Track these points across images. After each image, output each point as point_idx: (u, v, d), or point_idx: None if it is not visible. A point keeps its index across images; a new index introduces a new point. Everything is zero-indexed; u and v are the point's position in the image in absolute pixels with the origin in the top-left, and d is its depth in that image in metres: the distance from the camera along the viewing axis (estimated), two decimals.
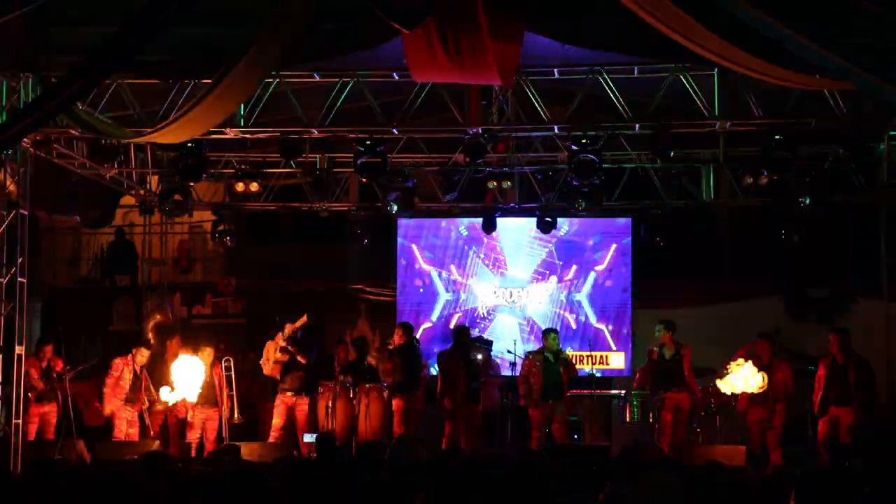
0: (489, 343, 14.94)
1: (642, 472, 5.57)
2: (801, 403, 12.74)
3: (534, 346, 14.66)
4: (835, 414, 12.04)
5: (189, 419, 13.24)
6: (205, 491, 5.27)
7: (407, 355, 13.41)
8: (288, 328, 13.37)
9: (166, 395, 12.96)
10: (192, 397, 13.01)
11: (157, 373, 13.13)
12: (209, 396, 13.18)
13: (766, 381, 12.31)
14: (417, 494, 4.79)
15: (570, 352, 14.45)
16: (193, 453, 13.03)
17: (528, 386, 13.00)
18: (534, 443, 12.87)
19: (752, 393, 12.37)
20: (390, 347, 13.67)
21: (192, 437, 13.23)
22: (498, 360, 14.97)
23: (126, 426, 12.95)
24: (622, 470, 5.78)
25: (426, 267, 16.11)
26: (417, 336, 14.51)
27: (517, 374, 13.55)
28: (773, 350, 12.70)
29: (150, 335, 15.00)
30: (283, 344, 13.33)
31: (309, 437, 13.10)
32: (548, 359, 13.07)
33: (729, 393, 12.45)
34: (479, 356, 13.93)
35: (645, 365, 13.28)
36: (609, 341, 15.54)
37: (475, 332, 15.14)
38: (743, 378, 12.32)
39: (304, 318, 13.38)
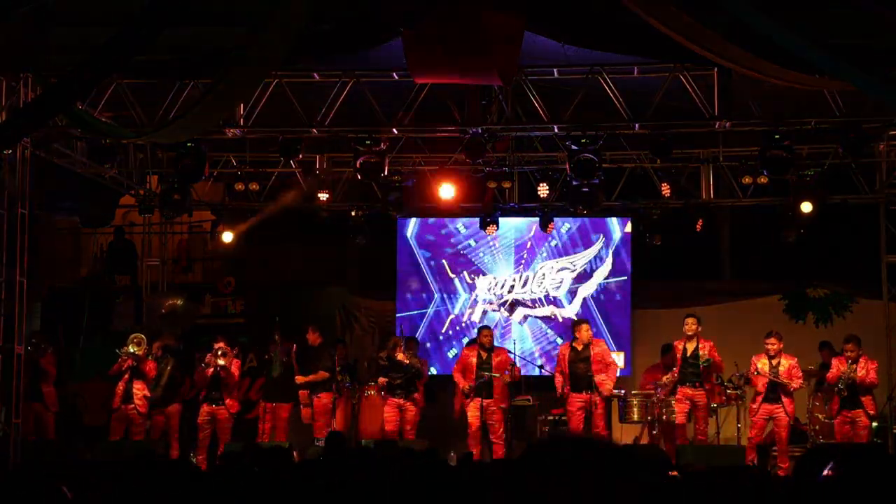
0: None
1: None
2: None
3: (532, 345, 14.62)
4: None
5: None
6: None
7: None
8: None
9: None
10: None
11: None
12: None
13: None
14: None
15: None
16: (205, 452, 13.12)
17: (563, 377, 12.92)
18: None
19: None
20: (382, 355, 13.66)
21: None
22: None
23: None
24: None
25: (425, 266, 16.10)
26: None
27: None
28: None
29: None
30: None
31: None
32: (574, 349, 12.98)
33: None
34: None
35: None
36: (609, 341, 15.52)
37: (472, 333, 15.14)
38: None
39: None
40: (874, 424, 12.82)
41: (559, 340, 15.23)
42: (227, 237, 15.19)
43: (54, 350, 13.54)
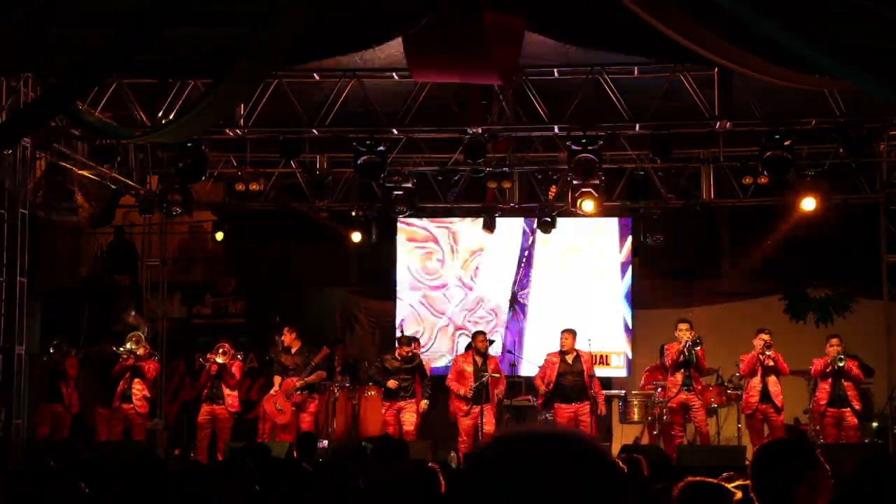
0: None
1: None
2: None
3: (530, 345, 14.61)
4: None
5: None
6: None
7: None
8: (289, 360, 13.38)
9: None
10: None
11: None
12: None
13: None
14: None
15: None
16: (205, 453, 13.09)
17: (545, 386, 12.82)
18: None
19: None
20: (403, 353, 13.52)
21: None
22: None
23: None
24: None
25: (425, 266, 16.10)
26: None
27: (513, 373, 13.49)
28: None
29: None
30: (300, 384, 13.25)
31: None
32: (565, 360, 12.93)
33: None
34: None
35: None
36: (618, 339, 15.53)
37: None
38: None
39: (325, 351, 13.39)
40: (874, 424, 12.81)
41: None
42: (219, 235, 15.24)
43: (77, 352, 13.54)
